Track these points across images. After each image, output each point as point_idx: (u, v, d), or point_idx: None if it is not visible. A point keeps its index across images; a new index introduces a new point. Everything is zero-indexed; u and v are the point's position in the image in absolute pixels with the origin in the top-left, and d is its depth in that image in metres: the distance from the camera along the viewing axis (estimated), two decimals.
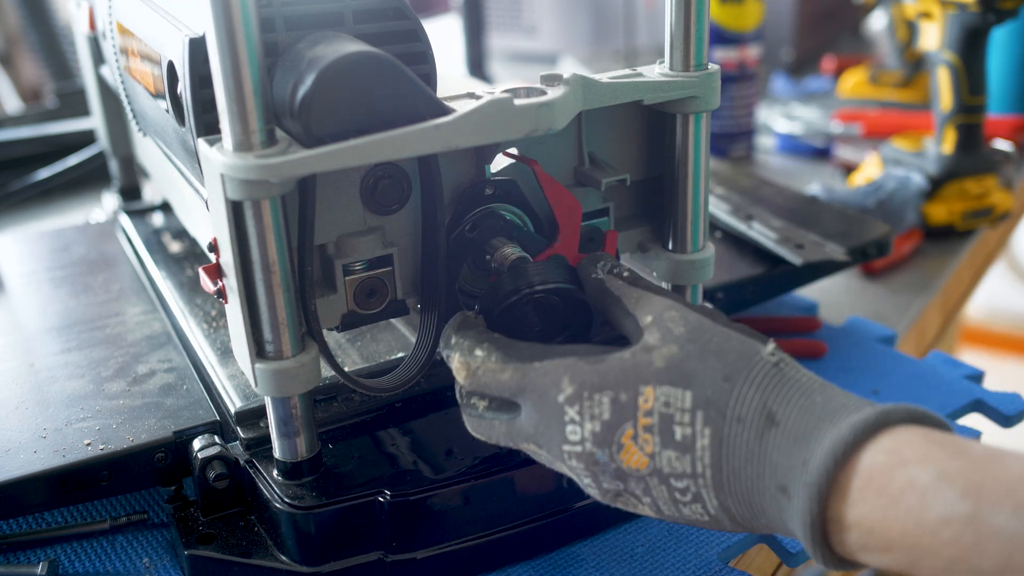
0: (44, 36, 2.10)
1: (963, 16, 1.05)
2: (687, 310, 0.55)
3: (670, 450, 0.51)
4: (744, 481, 0.49)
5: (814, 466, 0.46)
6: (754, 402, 0.49)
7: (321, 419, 0.69)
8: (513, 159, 0.67)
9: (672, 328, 0.54)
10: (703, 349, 0.52)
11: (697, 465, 0.50)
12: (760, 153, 1.44)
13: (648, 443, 0.51)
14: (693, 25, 0.64)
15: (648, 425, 0.51)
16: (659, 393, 0.51)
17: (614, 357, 0.54)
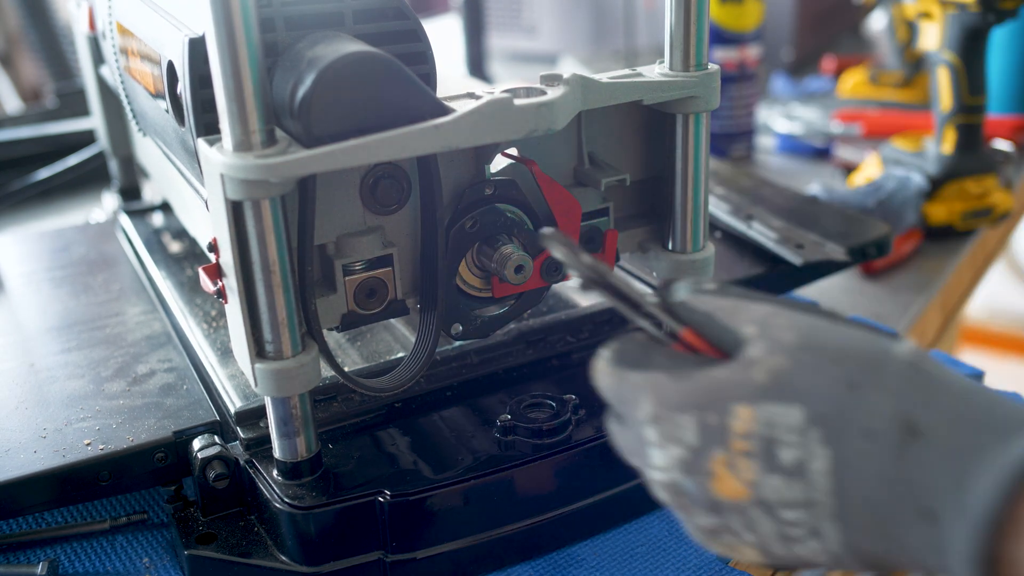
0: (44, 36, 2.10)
1: (963, 16, 1.05)
2: (796, 313, 0.46)
3: (776, 476, 0.43)
4: (878, 508, 0.41)
5: (982, 490, 0.37)
6: (888, 411, 0.41)
7: (321, 419, 0.69)
8: (512, 159, 0.67)
9: (781, 336, 0.44)
10: (818, 357, 0.43)
11: (813, 493, 0.42)
12: (760, 153, 1.44)
13: (747, 469, 0.43)
14: (693, 25, 0.64)
15: (746, 450, 0.43)
16: (759, 413, 0.43)
17: (704, 373, 0.45)
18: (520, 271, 0.64)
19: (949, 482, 0.39)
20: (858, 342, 0.43)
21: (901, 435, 0.40)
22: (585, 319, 0.79)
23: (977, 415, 0.40)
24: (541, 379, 0.74)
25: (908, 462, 0.40)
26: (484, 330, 0.68)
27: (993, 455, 0.38)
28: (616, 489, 0.68)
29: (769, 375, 0.43)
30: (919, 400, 0.41)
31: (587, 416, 0.69)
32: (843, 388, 0.42)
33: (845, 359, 0.43)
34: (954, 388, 0.41)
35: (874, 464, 0.41)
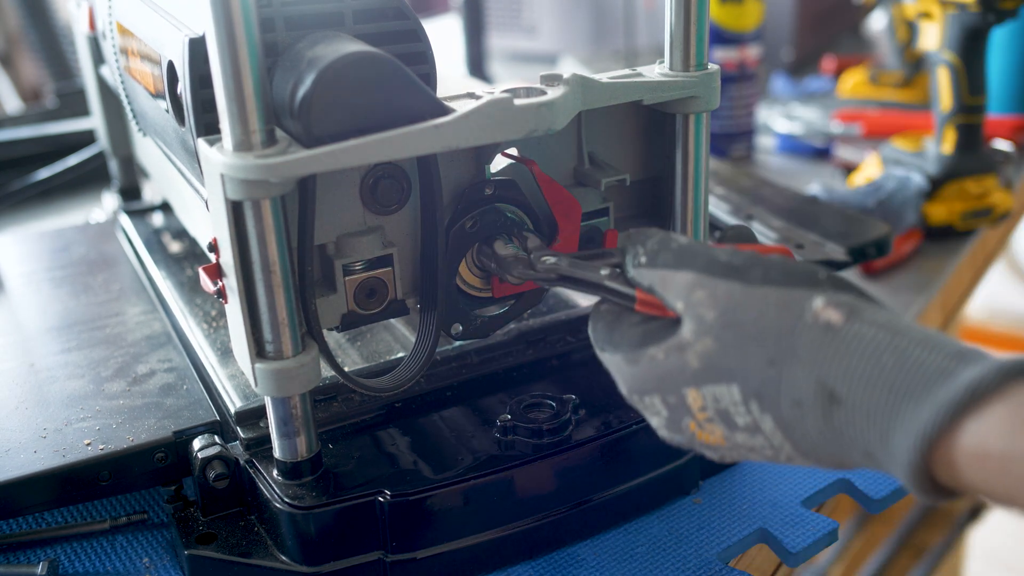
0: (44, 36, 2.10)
1: (963, 16, 1.05)
2: (715, 281, 0.49)
3: (739, 433, 0.49)
4: (826, 450, 0.46)
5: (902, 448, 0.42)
6: (808, 382, 0.45)
7: (321, 419, 0.69)
8: (512, 159, 0.67)
9: (703, 314, 0.49)
10: (739, 335, 0.47)
11: (773, 441, 0.48)
12: (760, 153, 1.44)
13: (715, 431, 0.50)
14: (693, 25, 0.64)
15: (708, 417, 0.50)
16: (704, 392, 0.49)
17: (648, 357, 0.51)
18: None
19: (875, 437, 0.43)
20: (773, 310, 0.47)
21: (823, 402, 0.44)
22: (585, 319, 0.79)
23: (887, 377, 0.43)
24: (541, 379, 0.74)
25: (837, 423, 0.44)
26: (484, 330, 0.68)
27: (905, 418, 0.42)
28: (616, 489, 0.68)
29: (700, 360, 0.49)
30: (832, 368, 0.44)
31: (587, 416, 0.69)
32: (766, 365, 0.46)
33: (763, 336, 0.47)
34: (867, 348, 0.44)
35: (810, 425, 0.46)
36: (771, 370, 0.46)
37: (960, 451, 0.41)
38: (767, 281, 0.48)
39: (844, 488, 0.72)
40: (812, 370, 0.45)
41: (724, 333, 0.48)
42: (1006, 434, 0.40)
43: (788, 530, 0.67)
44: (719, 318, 0.48)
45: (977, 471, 0.41)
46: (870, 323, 0.44)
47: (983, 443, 0.40)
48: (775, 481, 0.72)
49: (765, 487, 0.72)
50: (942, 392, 0.41)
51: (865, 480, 0.72)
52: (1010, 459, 0.40)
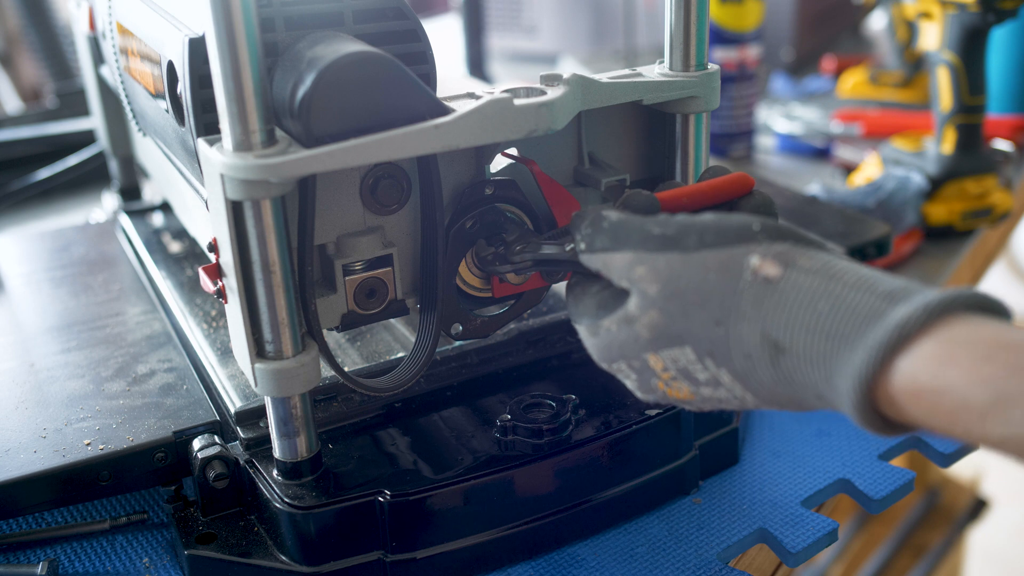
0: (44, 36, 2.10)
1: (963, 16, 1.05)
2: (653, 256, 0.51)
3: (703, 387, 0.51)
4: (784, 395, 0.48)
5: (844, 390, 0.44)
6: (754, 336, 0.47)
7: (321, 419, 0.69)
8: (512, 159, 0.67)
9: (646, 289, 0.51)
10: (683, 304, 0.49)
11: (735, 392, 0.50)
12: (760, 153, 1.44)
13: (682, 387, 0.52)
14: (693, 25, 0.64)
15: (672, 376, 0.52)
16: (663, 355, 0.51)
17: (604, 329, 0.54)
18: (520, 271, 0.64)
19: (821, 380, 0.45)
20: (713, 274, 0.48)
21: (770, 352, 0.46)
22: None
23: (824, 324, 0.44)
24: (541, 379, 0.74)
25: (784, 371, 0.46)
26: (484, 330, 0.68)
27: (843, 362, 0.44)
28: (616, 489, 0.68)
29: (650, 331, 0.51)
30: (774, 320, 0.46)
31: (587, 416, 0.69)
32: (713, 326, 0.48)
33: (706, 300, 0.48)
34: (804, 298, 0.45)
35: (763, 375, 0.48)
36: (719, 329, 0.48)
37: (896, 389, 0.42)
38: (703, 245, 0.49)
39: (844, 488, 0.72)
40: (756, 325, 0.46)
41: (668, 304, 0.50)
42: (933, 369, 0.41)
43: (788, 530, 0.67)
44: (662, 290, 0.50)
45: (914, 407, 0.42)
46: (806, 271, 0.46)
47: (914, 380, 0.42)
48: (775, 481, 0.72)
49: (765, 487, 0.72)
50: (873, 335, 0.43)
51: (865, 480, 0.72)
52: (938, 393, 0.41)
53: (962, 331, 0.42)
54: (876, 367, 0.42)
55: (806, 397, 0.47)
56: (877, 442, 0.76)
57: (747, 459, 0.75)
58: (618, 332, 0.53)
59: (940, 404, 0.41)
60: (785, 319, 0.46)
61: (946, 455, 0.74)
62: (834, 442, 0.76)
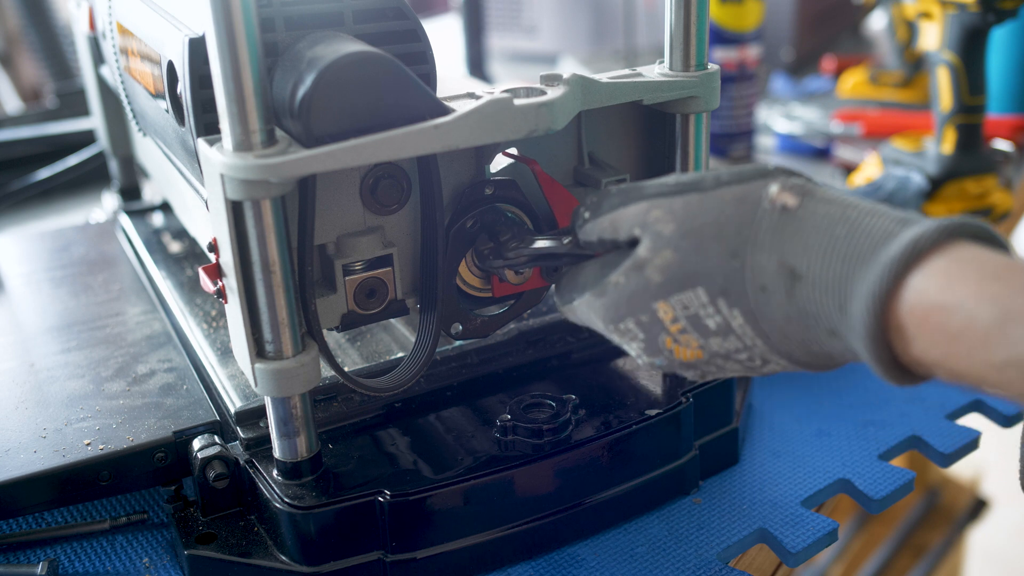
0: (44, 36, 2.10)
1: (963, 16, 1.05)
2: (670, 200, 0.51)
3: (714, 338, 0.51)
4: (795, 336, 0.48)
5: (857, 312, 0.44)
6: (771, 265, 0.47)
7: (321, 419, 0.69)
8: (513, 159, 0.67)
9: (661, 230, 0.51)
10: (698, 239, 0.49)
11: (745, 340, 0.50)
12: (760, 153, 1.44)
13: (690, 342, 0.51)
14: (693, 25, 0.64)
15: (681, 328, 0.51)
16: (672, 303, 0.50)
17: (612, 284, 0.53)
18: (520, 271, 0.64)
19: (834, 308, 0.45)
20: (730, 206, 0.49)
21: (786, 282, 0.46)
22: None
23: (840, 247, 0.45)
24: (541, 379, 0.74)
25: (800, 301, 0.46)
26: (484, 330, 0.68)
27: (857, 282, 0.44)
28: (616, 489, 0.68)
29: (662, 272, 0.50)
30: (792, 247, 0.46)
31: (587, 416, 0.69)
32: (728, 259, 0.48)
33: (722, 233, 0.48)
34: (821, 224, 0.46)
35: (776, 309, 0.47)
36: (734, 262, 0.48)
37: (906, 310, 0.42)
38: (720, 184, 0.50)
39: (844, 488, 0.72)
40: (773, 253, 0.47)
41: (683, 242, 0.50)
42: (944, 285, 0.42)
43: (788, 530, 0.67)
44: (678, 228, 0.50)
45: (922, 332, 0.42)
46: (823, 200, 0.47)
47: (924, 296, 0.42)
48: (775, 481, 0.72)
49: (765, 487, 0.72)
50: (887, 252, 0.43)
51: (865, 480, 0.72)
52: (947, 310, 0.41)
53: (972, 252, 0.42)
54: (890, 283, 0.42)
55: (817, 335, 0.47)
56: (877, 442, 0.76)
57: (747, 459, 0.75)
58: (627, 283, 0.52)
59: (947, 324, 0.41)
60: (802, 245, 0.46)
61: (946, 455, 0.74)
62: (834, 442, 0.76)
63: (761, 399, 0.82)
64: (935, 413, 0.79)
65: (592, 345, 0.77)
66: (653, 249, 0.51)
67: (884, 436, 0.76)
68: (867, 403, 0.81)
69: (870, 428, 0.77)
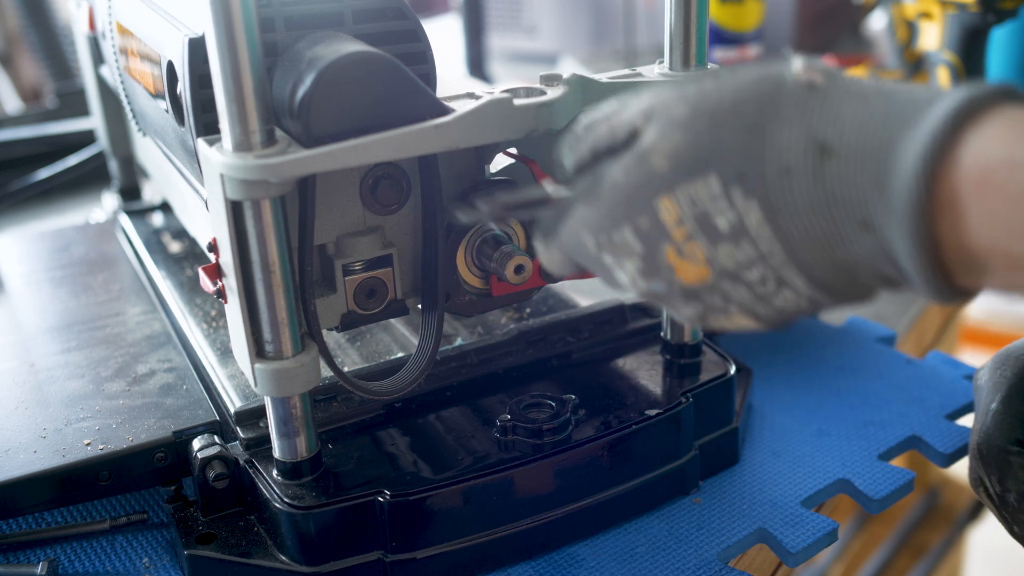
0: (44, 36, 2.10)
1: (963, 16, 1.05)
2: (682, 87, 0.45)
3: (724, 245, 0.43)
4: (820, 237, 0.41)
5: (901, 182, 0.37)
6: (796, 141, 0.40)
7: (321, 419, 0.69)
8: (513, 159, 0.67)
9: (673, 113, 0.44)
10: (713, 117, 0.43)
11: (761, 245, 0.42)
12: None
13: (696, 250, 0.44)
14: (693, 25, 0.65)
15: (687, 234, 0.44)
16: (679, 197, 0.43)
17: (608, 184, 0.46)
18: (520, 271, 0.64)
19: (872, 185, 0.39)
20: (748, 86, 0.43)
21: (815, 159, 0.40)
22: (585, 319, 0.79)
23: (880, 111, 0.39)
24: (541, 379, 0.74)
25: (829, 182, 0.40)
26: (468, 310, 0.67)
27: (901, 147, 0.38)
28: (616, 489, 0.68)
29: (669, 159, 0.43)
30: (822, 119, 0.40)
31: (587, 416, 0.69)
32: (747, 136, 0.42)
33: (740, 108, 0.42)
34: (855, 93, 0.40)
35: (800, 196, 0.41)
36: (753, 139, 0.41)
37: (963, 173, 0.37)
38: (735, 72, 0.44)
39: (844, 488, 0.72)
40: (799, 128, 0.41)
41: (695, 122, 0.43)
42: (1008, 138, 0.36)
43: (788, 530, 0.67)
44: (689, 110, 0.44)
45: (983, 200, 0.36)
46: (851, 79, 0.42)
47: (985, 153, 0.36)
48: (775, 481, 0.72)
49: (765, 487, 0.72)
50: (938, 109, 0.38)
51: (865, 480, 0.72)
52: (1014, 164, 0.36)
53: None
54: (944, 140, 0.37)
55: (847, 231, 0.40)
56: (877, 442, 0.76)
57: (747, 459, 0.75)
58: (627, 179, 0.45)
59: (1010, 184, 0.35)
60: (834, 115, 0.40)
61: (946, 455, 0.74)
62: (834, 442, 0.76)
63: (761, 399, 0.82)
64: (935, 413, 0.79)
65: (592, 345, 0.77)
66: (660, 134, 0.44)
67: (884, 436, 0.76)
68: (867, 403, 0.81)
69: (870, 428, 0.77)
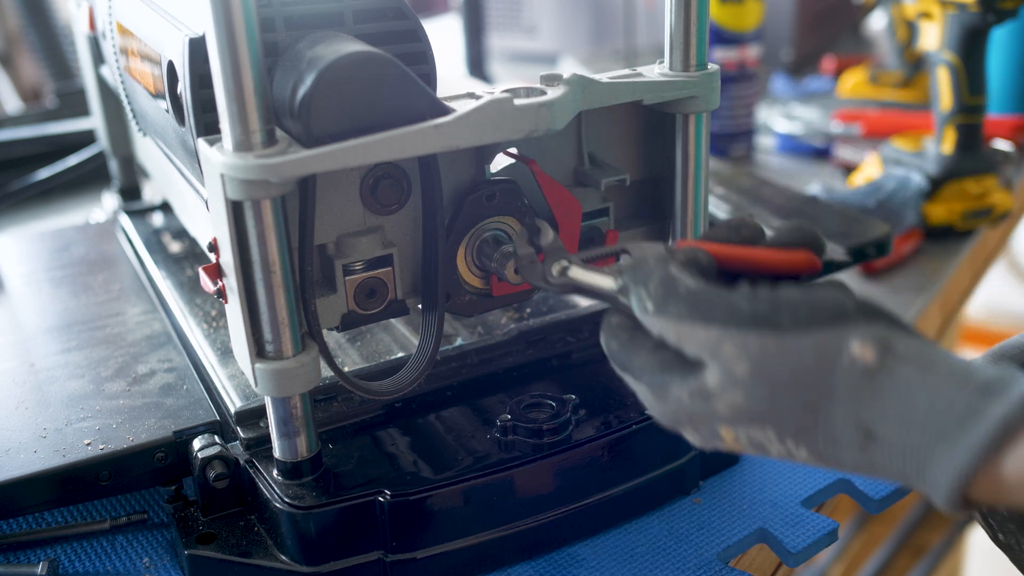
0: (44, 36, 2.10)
1: (963, 16, 1.05)
2: (744, 335, 0.47)
3: (773, 454, 0.49)
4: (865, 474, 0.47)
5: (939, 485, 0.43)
6: (846, 421, 0.45)
7: (321, 419, 0.69)
8: (513, 159, 0.67)
9: (733, 368, 0.47)
10: (772, 387, 0.46)
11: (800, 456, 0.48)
12: (760, 153, 1.44)
13: (748, 449, 0.50)
14: (693, 25, 0.64)
15: (742, 446, 0.49)
16: (738, 431, 0.48)
17: (674, 398, 0.50)
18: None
19: (912, 471, 0.44)
20: (809, 358, 0.46)
21: (861, 439, 0.45)
22: (585, 319, 0.79)
23: (921, 418, 0.43)
24: (541, 379, 0.74)
25: (873, 457, 0.45)
26: (468, 309, 0.67)
27: (941, 459, 0.43)
28: (616, 489, 0.68)
29: (730, 410, 0.48)
30: (870, 409, 0.45)
31: (587, 416, 0.69)
32: (802, 412, 0.46)
33: (798, 382, 0.46)
34: (903, 389, 0.44)
35: (846, 457, 0.46)
36: (807, 415, 0.46)
37: (1001, 479, 0.42)
38: (797, 324, 0.46)
39: (844, 488, 0.72)
40: (851, 411, 0.45)
41: (755, 387, 0.47)
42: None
43: (788, 530, 0.67)
44: (751, 371, 0.47)
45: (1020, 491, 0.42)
46: (903, 359, 0.45)
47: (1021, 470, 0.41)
48: (775, 481, 0.72)
49: (765, 487, 0.72)
50: (975, 433, 0.42)
51: (865, 480, 0.72)
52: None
53: None
54: (979, 465, 0.42)
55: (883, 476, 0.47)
56: None
57: (747, 459, 0.75)
58: (691, 403, 0.49)
59: None
60: (882, 409, 0.45)
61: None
62: None
63: None
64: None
65: (592, 345, 0.77)
66: (722, 386, 0.48)
67: None
68: None
69: None
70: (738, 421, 0.48)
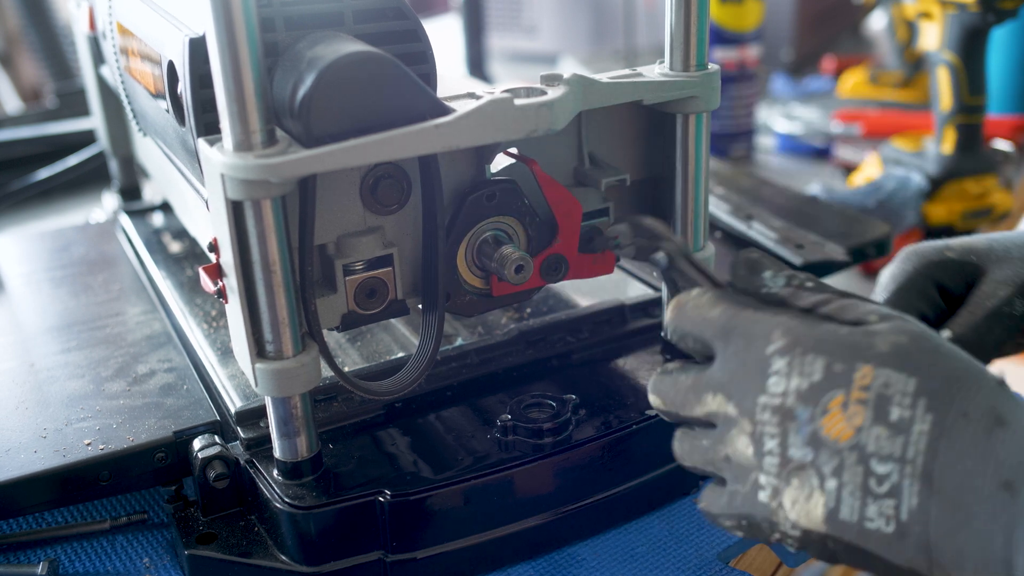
0: (44, 36, 2.10)
1: (963, 16, 1.05)
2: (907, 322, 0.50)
3: (881, 427, 0.47)
4: (959, 475, 0.46)
5: None
6: (982, 404, 0.46)
7: (321, 419, 0.69)
8: (513, 159, 0.67)
9: (901, 325, 0.49)
10: (934, 348, 0.49)
11: (909, 450, 0.46)
12: (760, 153, 1.44)
13: (858, 415, 0.48)
14: (693, 25, 0.64)
15: (862, 399, 0.48)
16: (879, 373, 0.48)
17: (829, 327, 0.50)
18: (520, 271, 0.64)
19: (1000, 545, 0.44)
20: (963, 354, 0.49)
21: (990, 421, 0.46)
22: (585, 319, 0.79)
23: None
24: (541, 379, 0.74)
25: (995, 441, 0.46)
26: (468, 309, 0.67)
27: None
28: (616, 489, 0.68)
29: (891, 347, 0.49)
30: (1007, 402, 0.47)
31: (587, 416, 0.69)
32: (949, 378, 0.48)
33: (952, 358, 0.49)
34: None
35: (967, 436, 0.46)
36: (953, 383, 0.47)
37: None
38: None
39: None
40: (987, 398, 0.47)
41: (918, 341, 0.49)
42: None
43: None
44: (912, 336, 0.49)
45: None
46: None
47: None
48: None
49: None
50: None
51: None
52: None
53: None
54: None
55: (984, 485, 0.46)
56: None
57: None
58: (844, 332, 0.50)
59: None
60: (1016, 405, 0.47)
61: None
62: None
63: None
64: None
65: (592, 345, 0.77)
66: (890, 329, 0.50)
67: None
68: None
69: None
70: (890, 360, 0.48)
